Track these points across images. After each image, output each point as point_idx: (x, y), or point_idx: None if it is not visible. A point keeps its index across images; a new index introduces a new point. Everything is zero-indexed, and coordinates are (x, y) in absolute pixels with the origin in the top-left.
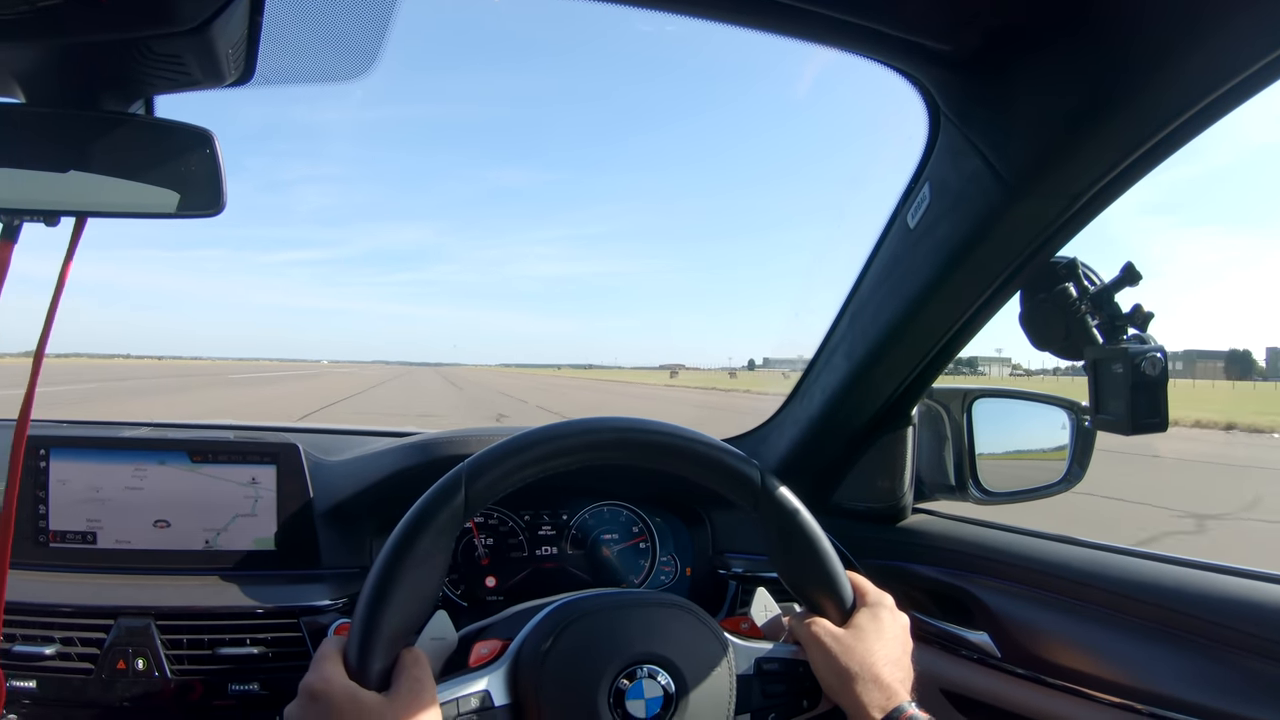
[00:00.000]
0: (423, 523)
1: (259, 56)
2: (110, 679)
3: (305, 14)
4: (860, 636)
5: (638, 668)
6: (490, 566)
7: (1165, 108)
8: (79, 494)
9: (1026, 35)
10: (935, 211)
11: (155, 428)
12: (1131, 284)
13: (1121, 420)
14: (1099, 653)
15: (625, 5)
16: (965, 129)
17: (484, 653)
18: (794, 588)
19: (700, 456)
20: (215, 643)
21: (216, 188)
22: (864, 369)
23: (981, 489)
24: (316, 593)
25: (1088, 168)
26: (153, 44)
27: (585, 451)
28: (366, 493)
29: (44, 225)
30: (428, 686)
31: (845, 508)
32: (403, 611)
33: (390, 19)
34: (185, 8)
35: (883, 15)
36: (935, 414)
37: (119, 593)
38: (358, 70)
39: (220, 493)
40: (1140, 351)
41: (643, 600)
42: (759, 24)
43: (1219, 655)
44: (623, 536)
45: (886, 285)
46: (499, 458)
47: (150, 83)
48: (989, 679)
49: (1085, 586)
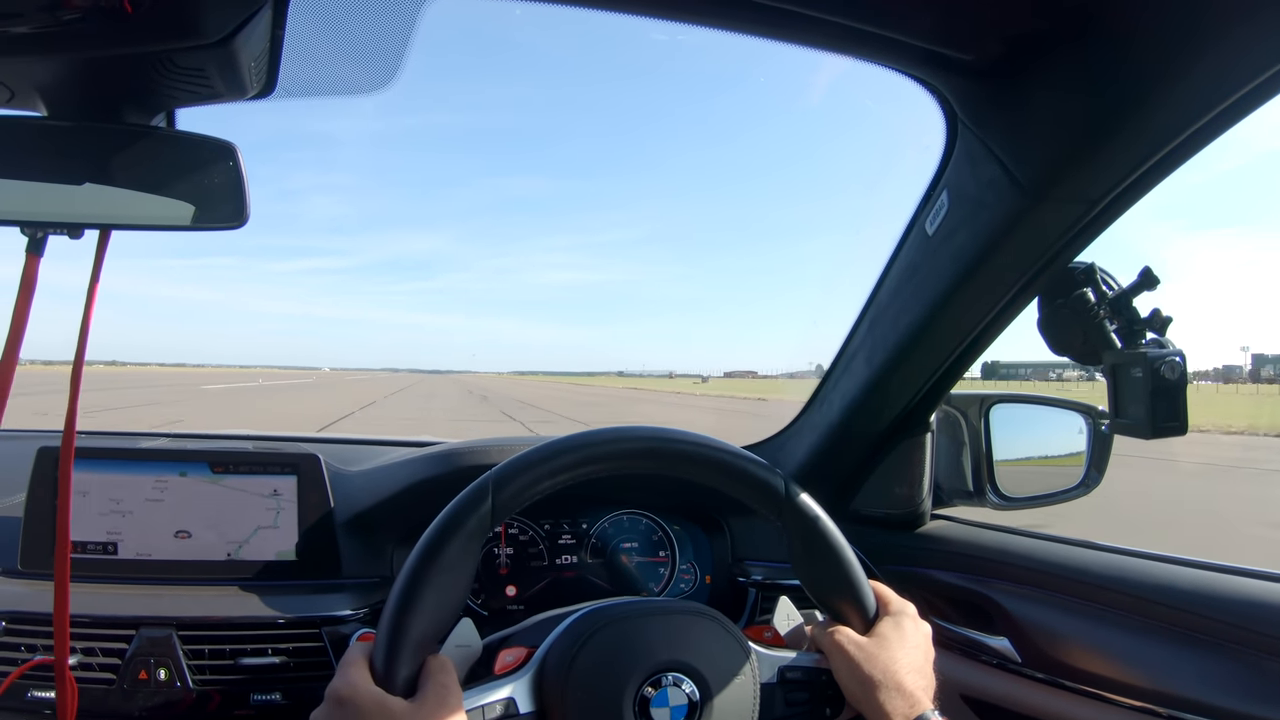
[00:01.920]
0: (451, 529)
1: (281, 69)
2: (132, 689)
3: (328, 27)
4: (883, 645)
5: (663, 675)
6: (510, 575)
7: (1182, 113)
8: (99, 505)
9: (1044, 43)
10: (954, 218)
11: (175, 438)
12: (1149, 288)
13: (1141, 424)
14: (1119, 657)
15: (642, 16)
16: (983, 136)
17: (509, 660)
18: (817, 596)
19: (725, 466)
20: (237, 653)
21: (240, 200)
22: (883, 375)
23: (999, 494)
24: (338, 603)
25: (1105, 173)
26: (176, 57)
27: (611, 460)
28: (388, 503)
29: (68, 238)
30: (454, 693)
31: (864, 514)
32: (429, 618)
33: (412, 32)
34: (209, 21)
35: (903, 25)
36: (953, 420)
37: (140, 603)
38: (380, 82)
39: (242, 504)
40: (1159, 356)
41: (668, 608)
42: (777, 34)
43: (1240, 658)
44: (642, 545)
45: (905, 292)
46: (526, 466)
47: (173, 96)
48: (1009, 684)
49: (1105, 590)
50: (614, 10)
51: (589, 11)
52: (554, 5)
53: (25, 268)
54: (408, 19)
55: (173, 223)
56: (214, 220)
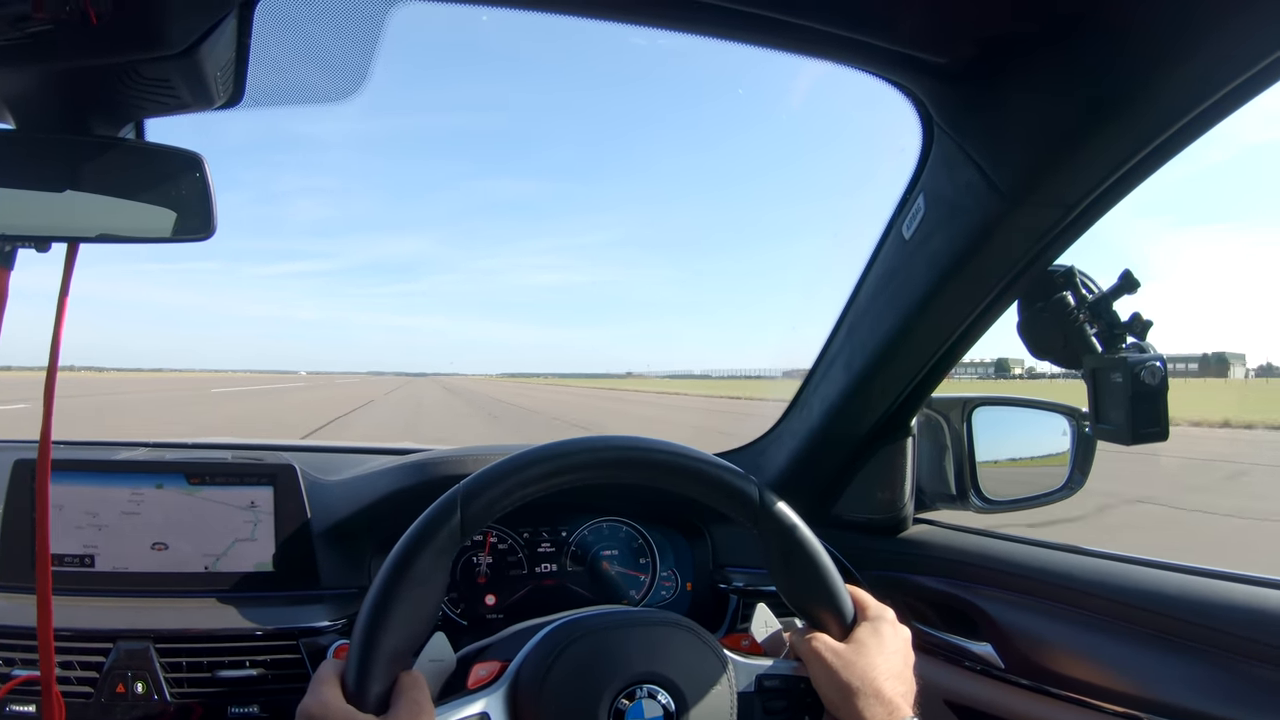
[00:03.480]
0: (420, 544)
1: (248, 78)
2: (109, 703)
3: (292, 36)
4: (861, 651)
5: (637, 687)
6: (489, 584)
7: (1158, 115)
8: (75, 519)
9: (1020, 45)
10: (930, 222)
11: (152, 448)
12: (1130, 292)
13: (1121, 430)
14: (1103, 662)
15: (621, 22)
16: (959, 139)
17: (483, 674)
18: (794, 603)
19: (698, 474)
20: (214, 665)
21: (207, 211)
22: (863, 380)
23: (983, 498)
24: (315, 614)
25: (1083, 176)
26: (141, 68)
27: (583, 470)
28: (364, 512)
29: (35, 251)
30: (426, 709)
31: (845, 519)
32: (401, 634)
33: (378, 39)
34: (173, 32)
35: (876, 29)
36: (935, 423)
37: (117, 615)
38: (347, 90)
39: (219, 517)
40: (1139, 361)
41: (642, 619)
42: (752, 39)
43: (1224, 662)
44: (623, 552)
45: (884, 296)
46: (496, 478)
47: (140, 106)
48: (992, 690)
49: (1089, 595)
50: (591, 16)
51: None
52: (525, 11)
53: None
54: (373, 25)
55: (140, 234)
56: (181, 231)
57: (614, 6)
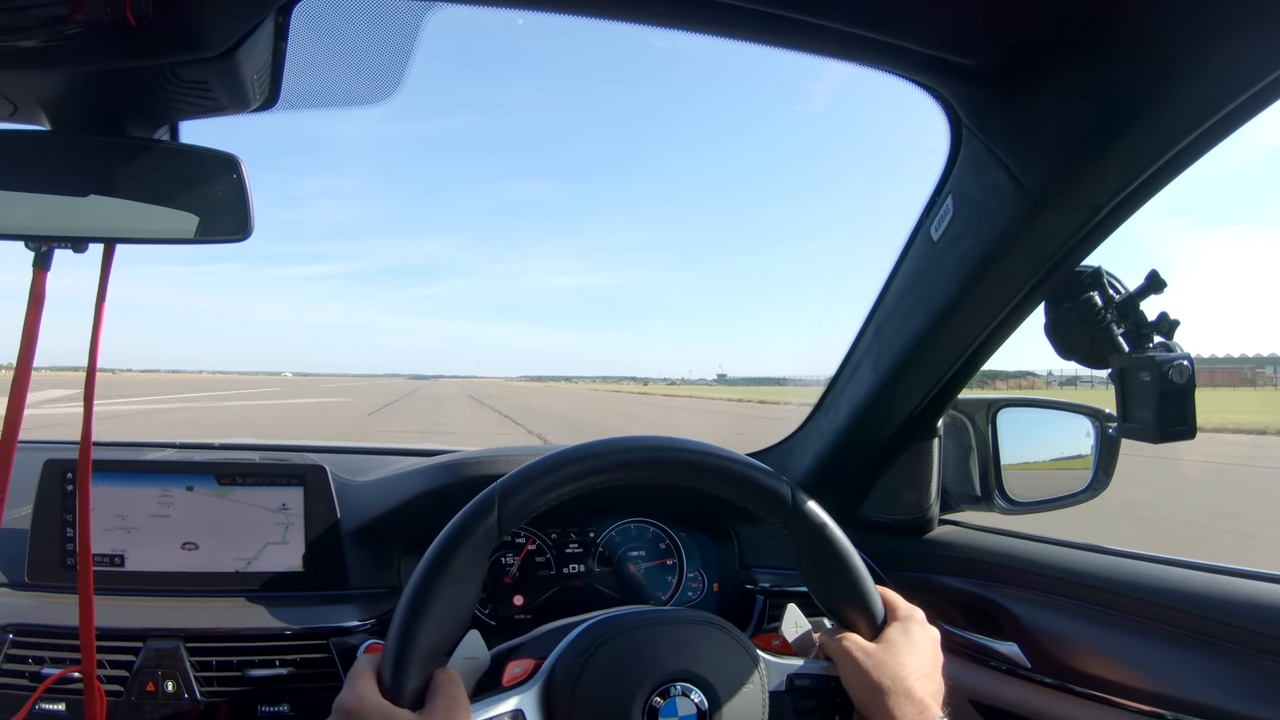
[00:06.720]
0: (457, 540)
1: (284, 81)
2: (139, 701)
3: (329, 39)
4: (892, 651)
5: (671, 685)
6: (517, 585)
7: (1186, 116)
8: (105, 520)
9: (1049, 48)
10: (959, 224)
11: (181, 449)
12: (1156, 292)
13: (1149, 429)
14: (1129, 661)
15: (649, 25)
16: (988, 141)
17: (517, 672)
18: (825, 603)
19: (732, 474)
20: (244, 664)
21: (243, 212)
22: (890, 382)
23: (1007, 499)
24: (345, 614)
25: (1110, 178)
26: (179, 71)
27: (618, 470)
28: (395, 513)
29: (72, 252)
30: (462, 705)
31: (871, 520)
32: (437, 630)
33: (415, 43)
34: (212, 35)
35: (907, 31)
36: (960, 425)
37: (147, 615)
38: (383, 94)
39: (249, 519)
40: (1167, 360)
41: (675, 618)
42: (780, 41)
43: (1249, 661)
44: (650, 553)
45: (911, 297)
46: (533, 476)
47: (176, 109)
48: (1018, 689)
49: (1114, 595)
50: (616, 19)
51: (592, 20)
52: (557, 14)
53: (33, 283)
54: (410, 29)
55: (177, 235)
56: (218, 233)
57: (641, 9)
